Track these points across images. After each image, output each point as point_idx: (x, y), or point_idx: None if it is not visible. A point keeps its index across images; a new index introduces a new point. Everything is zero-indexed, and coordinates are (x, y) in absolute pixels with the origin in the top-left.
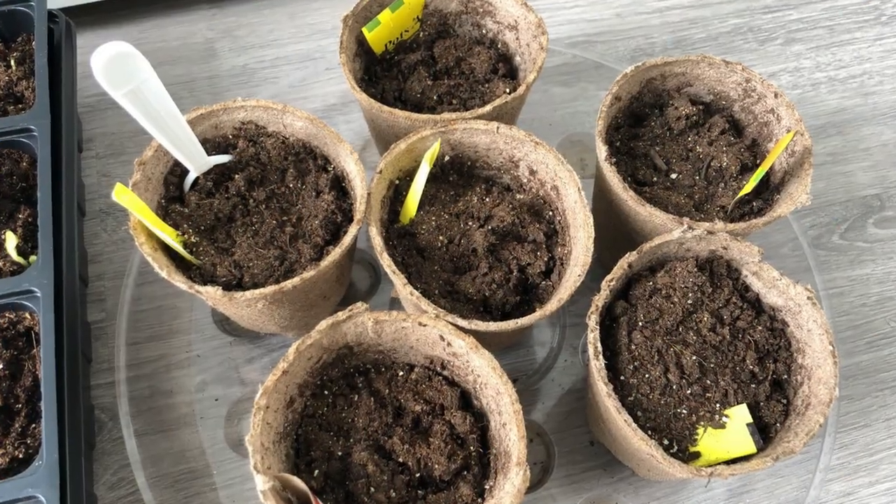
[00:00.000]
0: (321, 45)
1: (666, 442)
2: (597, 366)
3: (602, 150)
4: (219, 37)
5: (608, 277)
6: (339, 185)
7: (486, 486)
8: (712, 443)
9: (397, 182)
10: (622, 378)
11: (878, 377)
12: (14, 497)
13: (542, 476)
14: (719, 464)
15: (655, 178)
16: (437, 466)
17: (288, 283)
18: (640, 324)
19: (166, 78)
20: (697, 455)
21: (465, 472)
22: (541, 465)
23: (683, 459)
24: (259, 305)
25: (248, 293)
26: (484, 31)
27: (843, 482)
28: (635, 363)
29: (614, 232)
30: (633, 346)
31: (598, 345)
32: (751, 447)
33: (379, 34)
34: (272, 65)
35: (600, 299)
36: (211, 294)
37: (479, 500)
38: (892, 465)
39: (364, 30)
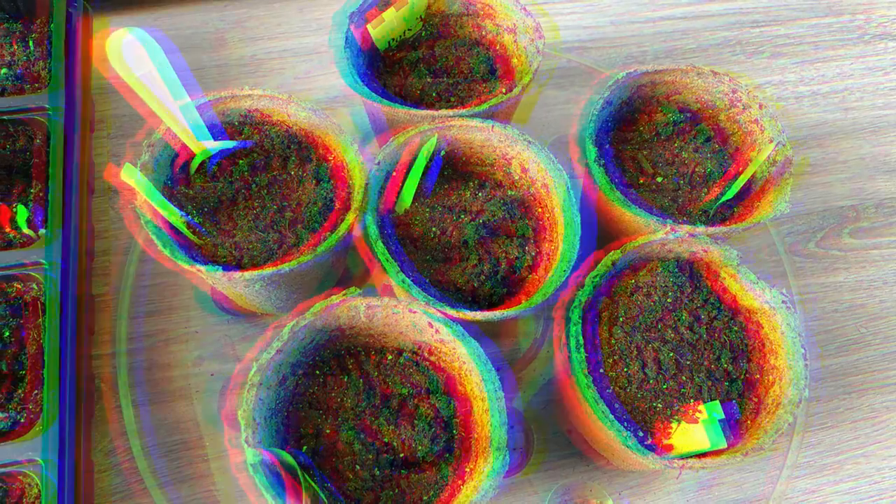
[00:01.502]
0: (327, 40)
1: (641, 434)
2: (577, 358)
3: (592, 152)
4: (229, 27)
5: (592, 274)
6: (339, 174)
7: (467, 469)
8: (685, 437)
9: (394, 174)
10: (601, 371)
11: (846, 380)
12: (14, 459)
13: (521, 462)
14: (691, 457)
15: (642, 181)
16: (420, 448)
17: (285, 266)
18: (621, 319)
19: (177, 64)
20: (670, 448)
21: (447, 455)
22: (520, 451)
23: (657, 452)
24: (257, 286)
25: (247, 274)
26: (484, 33)
27: (809, 480)
28: (614, 357)
29: (600, 230)
30: (613, 341)
31: (580, 338)
32: (722, 442)
33: (383, 31)
34: (279, 56)
35: (584, 294)
36: (211, 273)
37: (460, 481)
38: (856, 465)
39: (369, 26)
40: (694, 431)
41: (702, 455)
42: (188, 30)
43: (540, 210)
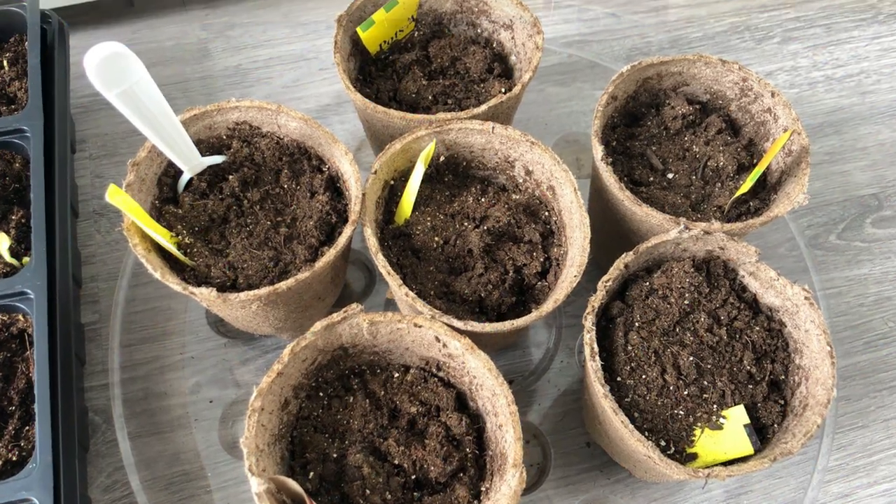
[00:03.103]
0: (315, 45)
1: (663, 443)
2: (593, 367)
3: (598, 150)
4: (212, 37)
5: (604, 278)
6: (334, 186)
7: (483, 488)
8: (709, 444)
9: (392, 182)
10: (619, 379)
11: (877, 377)
12: (8, 500)
13: (539, 478)
14: (716, 465)
15: (652, 178)
16: (432, 468)
17: (282, 285)
18: (637, 324)
19: (159, 78)
20: (694, 456)
21: (461, 474)
22: (537, 466)
23: (680, 461)
24: (253, 307)
25: (243, 294)
26: (479, 31)
27: (842, 483)
28: (632, 364)
29: (610, 232)
30: (630, 347)
31: (595, 346)
32: (748, 448)
33: (373, 34)
34: (266, 65)
35: (596, 300)
36: (205, 295)
37: (475, 502)
38: (891, 465)
39: (358, 29)
40: (718, 438)
41: (728, 462)
42: (169, 41)
43: (546, 213)
